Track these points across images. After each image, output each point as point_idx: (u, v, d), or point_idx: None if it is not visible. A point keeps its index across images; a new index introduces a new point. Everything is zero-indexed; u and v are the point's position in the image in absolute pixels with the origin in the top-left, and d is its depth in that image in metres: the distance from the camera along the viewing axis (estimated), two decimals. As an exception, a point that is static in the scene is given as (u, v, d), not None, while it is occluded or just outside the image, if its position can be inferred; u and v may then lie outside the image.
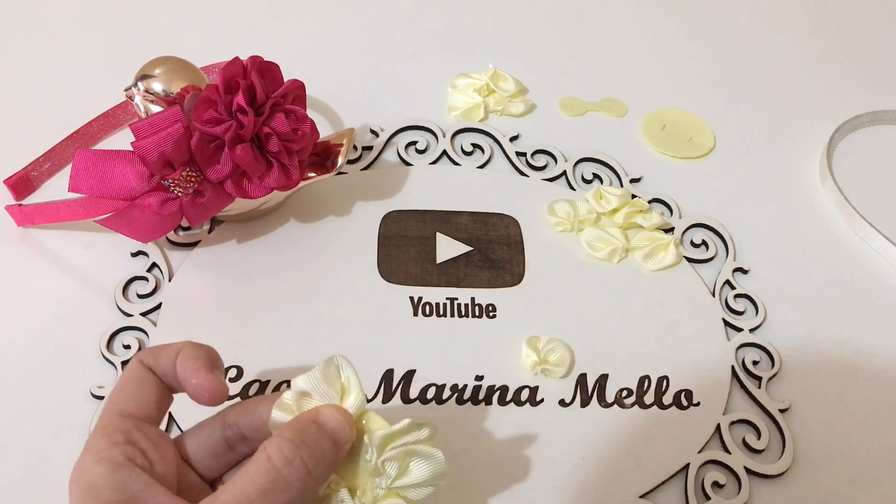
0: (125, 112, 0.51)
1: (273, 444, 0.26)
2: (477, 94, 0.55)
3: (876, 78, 0.61)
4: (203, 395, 0.28)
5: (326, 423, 0.27)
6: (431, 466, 0.28)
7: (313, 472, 0.26)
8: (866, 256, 0.48)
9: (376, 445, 0.28)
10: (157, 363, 0.28)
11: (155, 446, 0.27)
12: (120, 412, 0.27)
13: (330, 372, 0.28)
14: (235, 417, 0.29)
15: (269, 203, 0.45)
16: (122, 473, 0.25)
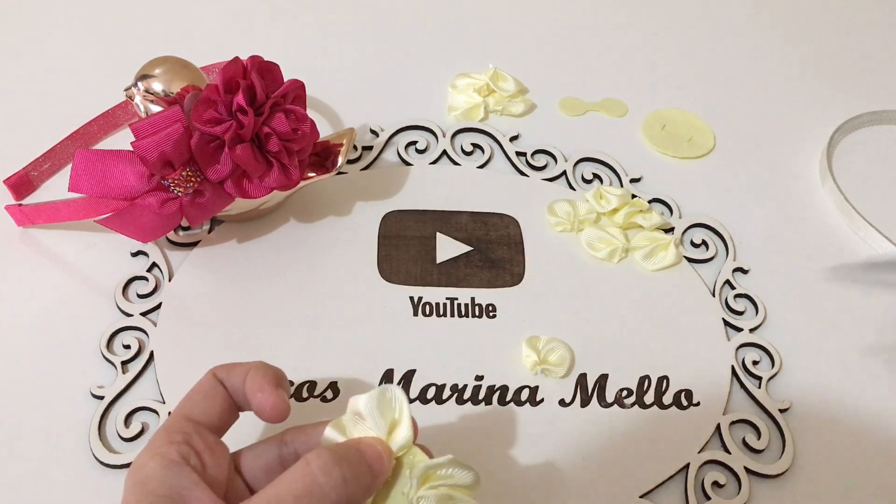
0: (125, 112, 0.51)
1: (313, 453, 0.26)
2: (477, 94, 0.55)
3: (876, 78, 0.61)
4: (265, 411, 0.29)
5: (366, 451, 0.27)
6: None
7: (349, 487, 0.26)
8: (866, 256, 0.48)
9: (417, 477, 0.28)
10: (229, 378, 0.30)
11: (211, 451, 0.28)
12: (185, 416, 0.28)
13: (384, 401, 0.29)
14: (293, 437, 0.30)
15: (269, 203, 0.45)
16: (172, 470, 0.26)
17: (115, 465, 0.36)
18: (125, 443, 0.37)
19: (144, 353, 0.40)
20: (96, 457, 0.36)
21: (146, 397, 0.39)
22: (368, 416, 0.28)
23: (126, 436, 0.37)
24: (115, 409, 0.38)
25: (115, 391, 0.39)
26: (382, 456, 0.28)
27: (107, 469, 0.36)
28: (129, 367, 0.39)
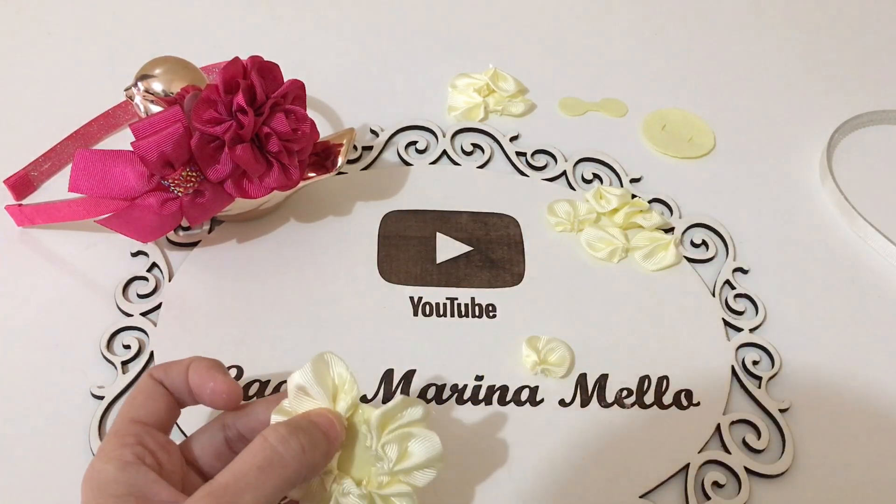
0: (125, 112, 0.51)
1: (269, 429, 0.27)
2: (477, 94, 0.55)
3: (876, 78, 0.61)
4: (220, 398, 0.30)
5: (317, 420, 0.28)
6: (429, 447, 0.30)
7: (307, 454, 0.27)
8: (866, 256, 0.48)
9: (375, 428, 0.29)
10: (168, 376, 0.30)
11: (163, 449, 0.28)
12: (131, 419, 0.29)
13: (320, 369, 0.29)
14: (233, 419, 0.31)
15: (269, 203, 0.45)
16: (130, 471, 0.27)
17: (115, 465, 0.36)
18: (125, 443, 0.37)
19: (144, 353, 0.40)
20: (96, 457, 0.36)
21: (146, 397, 0.39)
22: (310, 387, 0.29)
23: (126, 436, 0.37)
24: (116, 409, 0.38)
25: (115, 391, 0.39)
26: (333, 422, 0.29)
27: (107, 469, 0.36)
28: (129, 368, 0.39)
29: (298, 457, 0.27)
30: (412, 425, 0.29)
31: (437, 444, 0.30)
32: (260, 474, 0.26)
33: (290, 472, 0.26)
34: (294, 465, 0.26)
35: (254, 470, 0.26)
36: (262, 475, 0.26)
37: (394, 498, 0.30)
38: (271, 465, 0.26)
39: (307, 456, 0.27)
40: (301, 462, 0.27)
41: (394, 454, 0.29)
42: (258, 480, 0.26)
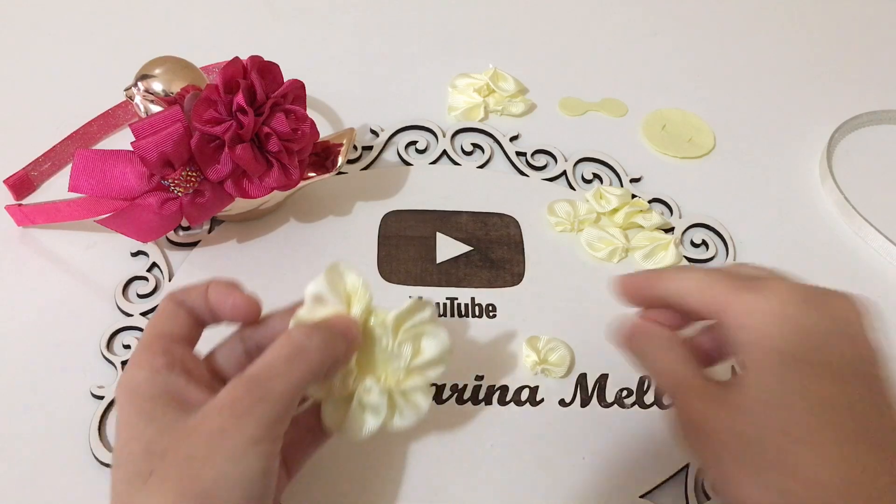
0: (125, 112, 0.51)
1: (292, 328, 0.30)
2: (477, 94, 0.55)
3: (876, 78, 0.61)
4: (241, 311, 0.31)
5: (335, 322, 0.30)
6: (439, 343, 0.32)
7: (329, 347, 0.29)
8: (866, 256, 0.48)
9: (390, 329, 0.31)
10: (188, 298, 0.31)
11: (190, 359, 0.30)
12: (157, 334, 0.30)
13: (333, 278, 0.31)
14: (251, 332, 0.32)
15: (269, 203, 0.45)
16: (161, 375, 0.28)
17: (115, 465, 0.36)
18: (125, 443, 0.37)
19: (144, 353, 0.40)
20: (96, 457, 0.36)
21: (146, 397, 0.39)
22: (324, 295, 0.31)
23: (126, 436, 0.37)
24: (116, 409, 0.38)
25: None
26: (349, 323, 0.31)
27: (107, 469, 0.36)
28: (129, 367, 0.39)
29: (321, 350, 0.28)
30: (423, 325, 0.32)
31: (445, 339, 0.32)
32: (287, 364, 0.28)
33: (314, 363, 0.28)
34: (317, 357, 0.28)
35: (281, 360, 0.28)
36: (289, 364, 0.28)
37: (410, 392, 0.32)
38: (297, 356, 0.28)
39: (328, 349, 0.29)
40: (324, 353, 0.29)
41: (409, 352, 0.32)
42: (286, 369, 0.28)
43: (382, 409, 0.31)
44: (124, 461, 0.27)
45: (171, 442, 0.26)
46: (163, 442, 0.26)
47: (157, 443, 0.26)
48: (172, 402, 0.28)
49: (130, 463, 0.27)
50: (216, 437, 0.26)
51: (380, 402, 0.31)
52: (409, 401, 0.32)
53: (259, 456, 0.26)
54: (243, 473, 0.26)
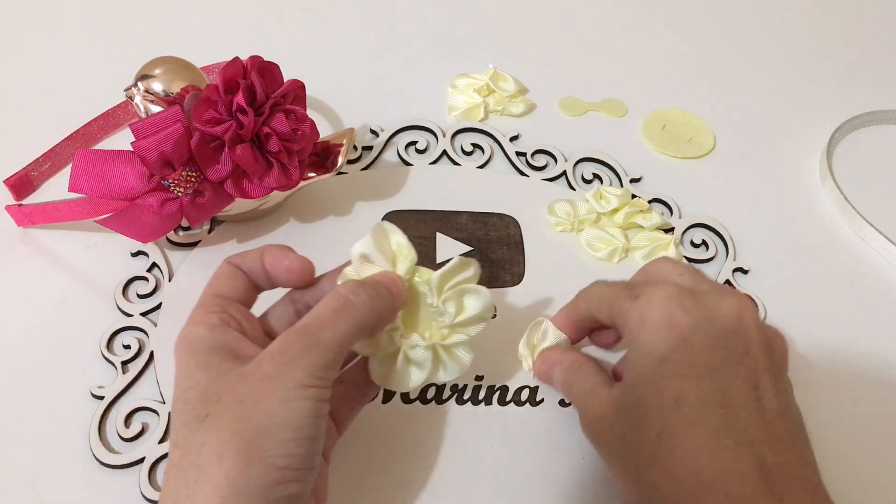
0: (125, 112, 0.51)
1: (340, 285, 0.31)
2: (477, 94, 0.55)
3: (876, 78, 0.61)
4: (295, 273, 0.32)
5: (381, 279, 0.32)
6: (482, 300, 0.33)
7: (374, 302, 0.30)
8: (866, 256, 0.49)
9: (435, 287, 0.32)
10: (245, 261, 0.33)
11: (245, 318, 0.32)
12: (214, 294, 0.32)
13: (379, 237, 0.33)
14: (301, 294, 0.34)
15: (269, 203, 0.45)
16: (218, 331, 0.30)
17: (115, 465, 0.36)
18: (125, 443, 0.37)
19: (144, 353, 0.40)
20: (96, 457, 0.36)
21: (146, 397, 0.39)
22: (371, 254, 0.32)
23: (126, 436, 0.37)
24: (115, 409, 0.38)
25: (115, 391, 0.39)
26: (395, 279, 0.32)
27: (107, 469, 0.36)
28: (129, 367, 0.39)
29: (367, 304, 0.30)
30: (466, 282, 0.33)
31: (487, 296, 0.33)
32: (335, 315, 0.29)
33: (361, 317, 0.30)
34: (364, 310, 0.30)
35: (329, 312, 0.29)
36: (337, 316, 0.29)
37: (453, 347, 0.34)
38: (345, 308, 0.29)
39: (374, 304, 0.30)
40: (370, 308, 0.30)
41: (453, 309, 0.33)
42: (334, 320, 0.29)
43: (427, 364, 0.33)
44: (182, 407, 0.28)
45: (225, 387, 0.28)
46: (218, 387, 0.28)
47: (213, 388, 0.28)
48: (228, 354, 0.29)
49: (188, 407, 0.28)
50: (267, 382, 0.27)
51: (425, 356, 0.33)
52: (452, 356, 0.34)
53: (308, 399, 0.27)
54: (293, 414, 0.27)
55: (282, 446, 0.27)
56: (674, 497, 0.28)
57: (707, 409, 0.28)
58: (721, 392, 0.28)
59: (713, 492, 0.27)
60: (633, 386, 0.30)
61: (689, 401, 0.28)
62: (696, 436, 0.28)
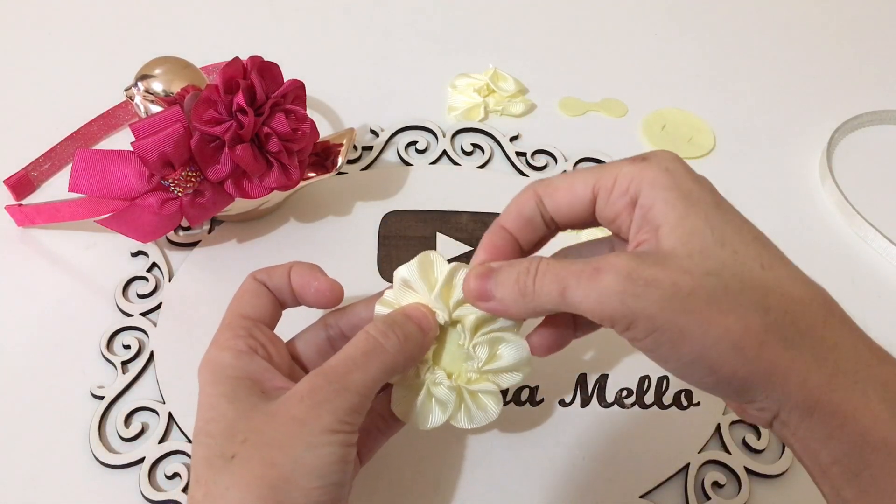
0: (125, 112, 0.51)
1: (369, 325, 0.30)
2: (477, 94, 0.55)
3: (876, 78, 0.61)
4: (324, 296, 0.32)
5: (412, 313, 0.30)
6: (517, 352, 0.31)
7: (404, 345, 0.29)
8: (866, 256, 0.48)
9: (468, 329, 0.31)
10: (271, 278, 0.32)
11: (271, 343, 0.31)
12: (240, 314, 0.31)
13: (425, 265, 0.31)
14: (335, 318, 0.33)
15: (269, 203, 0.45)
16: (244, 358, 0.29)
17: (115, 465, 0.36)
18: (125, 443, 0.37)
19: (144, 353, 0.40)
20: (96, 457, 0.36)
21: (146, 397, 0.39)
22: (413, 282, 0.31)
23: (126, 436, 0.37)
24: (115, 409, 0.38)
25: (115, 391, 0.39)
26: (427, 315, 0.31)
27: (107, 469, 0.36)
28: (129, 367, 0.39)
29: (397, 347, 0.29)
30: (505, 330, 0.31)
31: (525, 349, 0.31)
32: (365, 358, 0.28)
33: (390, 360, 0.29)
34: (393, 353, 0.29)
35: (359, 355, 0.28)
36: (368, 359, 0.28)
37: (481, 394, 0.32)
38: (374, 352, 0.28)
39: (404, 347, 0.29)
40: (399, 352, 0.29)
41: (484, 355, 0.31)
42: (364, 363, 0.28)
43: (450, 405, 0.32)
44: (205, 440, 0.28)
45: (252, 426, 0.27)
46: (244, 426, 0.27)
47: (238, 426, 0.27)
48: (254, 387, 0.28)
49: (212, 442, 0.27)
50: (295, 426, 0.27)
51: (448, 396, 0.31)
52: (477, 402, 0.32)
53: (335, 445, 0.27)
54: (320, 461, 0.26)
55: (308, 494, 0.26)
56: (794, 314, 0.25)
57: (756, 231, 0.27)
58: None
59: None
60: (698, 229, 0.25)
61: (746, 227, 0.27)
62: (777, 256, 0.27)
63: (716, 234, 0.26)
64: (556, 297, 0.26)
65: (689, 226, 0.26)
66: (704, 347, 0.24)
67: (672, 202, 0.26)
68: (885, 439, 0.24)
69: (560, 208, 0.29)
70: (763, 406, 0.25)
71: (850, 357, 0.25)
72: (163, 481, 0.36)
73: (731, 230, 0.26)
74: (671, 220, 0.26)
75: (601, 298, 0.25)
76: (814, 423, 0.25)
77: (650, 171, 0.27)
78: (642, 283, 0.24)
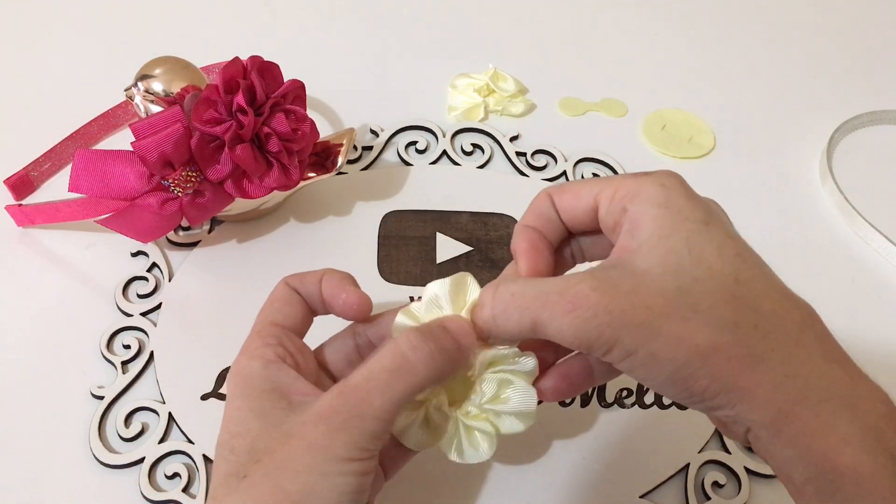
0: (125, 112, 0.51)
1: (402, 336, 0.27)
2: (477, 94, 0.55)
3: (876, 78, 0.61)
4: (351, 309, 0.31)
5: (451, 326, 0.28)
6: (523, 399, 0.30)
7: (436, 361, 0.27)
8: (866, 256, 0.48)
9: (480, 362, 0.29)
10: (303, 285, 0.31)
11: (300, 352, 0.30)
12: (271, 322, 0.30)
13: (459, 286, 0.30)
14: (364, 327, 0.32)
15: (269, 203, 0.45)
16: (273, 368, 0.28)
17: (115, 465, 0.36)
18: (125, 443, 0.37)
19: (144, 353, 0.40)
20: (96, 457, 0.36)
21: (146, 397, 0.39)
22: (444, 299, 0.30)
23: (126, 436, 0.37)
24: (115, 409, 0.38)
25: (115, 391, 0.39)
26: (467, 329, 0.28)
27: (107, 469, 0.36)
28: (129, 367, 0.39)
29: (427, 363, 0.27)
30: (518, 375, 0.30)
31: (533, 400, 0.30)
32: (390, 377, 0.26)
33: (419, 378, 0.27)
34: (423, 372, 0.27)
35: (384, 373, 0.26)
36: (392, 378, 0.26)
37: (476, 432, 0.30)
38: (401, 370, 0.26)
39: (436, 363, 0.27)
40: (429, 368, 0.27)
41: (489, 392, 0.29)
42: (388, 383, 0.26)
43: (441, 433, 0.30)
44: (228, 455, 0.27)
45: (268, 446, 0.26)
46: (263, 444, 0.26)
47: (258, 445, 0.26)
48: (281, 399, 0.27)
49: (233, 459, 0.27)
50: (309, 452, 0.25)
51: (441, 423, 0.30)
52: (471, 439, 0.31)
53: (350, 474, 0.25)
54: (333, 491, 0.25)
55: None
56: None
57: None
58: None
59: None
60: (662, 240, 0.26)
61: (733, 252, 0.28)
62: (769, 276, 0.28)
63: (694, 252, 0.26)
64: (526, 328, 0.26)
65: (670, 244, 0.26)
66: (675, 367, 0.25)
67: (658, 218, 0.27)
68: (854, 466, 0.24)
69: (566, 211, 0.30)
70: (735, 421, 0.25)
71: (822, 375, 0.25)
72: (163, 481, 0.36)
73: (712, 247, 0.27)
74: (653, 237, 0.26)
75: (577, 333, 0.25)
76: (782, 443, 0.25)
77: (647, 185, 0.27)
78: (617, 312, 0.25)
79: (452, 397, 0.31)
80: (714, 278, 0.25)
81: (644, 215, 0.27)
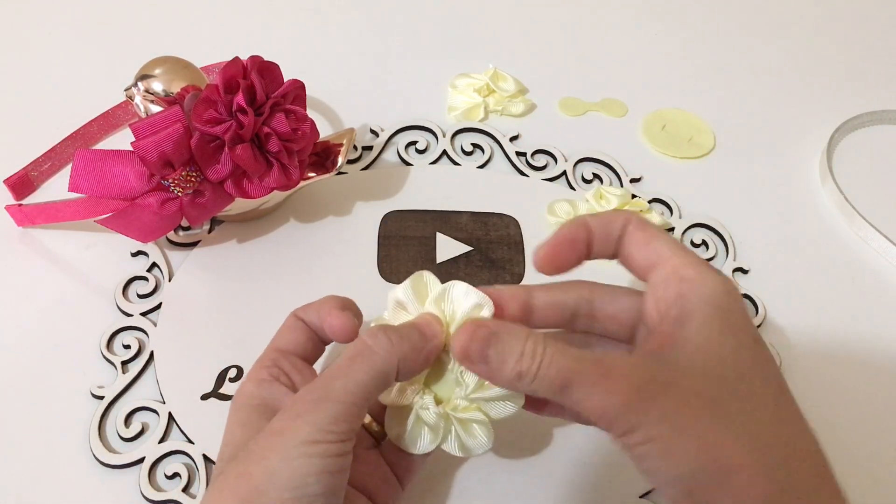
0: (125, 112, 0.51)
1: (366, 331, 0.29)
2: (477, 94, 0.55)
3: (876, 78, 0.61)
4: (335, 332, 0.32)
5: (416, 320, 0.30)
6: None
7: (396, 346, 0.28)
8: (866, 256, 0.48)
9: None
10: (307, 314, 0.33)
11: (298, 371, 0.32)
12: (273, 348, 0.32)
13: (419, 287, 0.31)
14: None
15: (269, 203, 0.45)
16: (264, 386, 0.31)
17: (115, 465, 0.36)
18: (125, 443, 0.37)
19: (144, 353, 0.40)
20: (96, 457, 0.36)
21: (146, 397, 0.39)
22: (408, 303, 0.31)
23: (126, 436, 0.37)
24: (115, 409, 0.38)
25: (115, 391, 0.39)
26: (430, 321, 0.30)
27: (107, 469, 0.36)
28: (129, 367, 0.39)
29: (386, 348, 0.28)
30: None
31: None
32: (349, 363, 0.28)
33: (379, 363, 0.28)
34: (382, 356, 0.28)
35: (345, 360, 0.28)
36: (352, 364, 0.28)
37: (469, 422, 0.31)
38: (360, 355, 0.28)
39: (396, 348, 0.28)
40: (390, 353, 0.28)
41: (472, 381, 0.30)
42: (348, 369, 0.28)
43: (439, 431, 0.31)
44: (217, 464, 0.30)
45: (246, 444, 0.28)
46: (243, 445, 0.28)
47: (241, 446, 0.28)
48: (268, 411, 0.29)
49: (218, 465, 0.29)
50: (274, 438, 0.27)
51: (436, 422, 0.31)
52: (468, 431, 0.31)
53: (314, 456, 0.26)
54: (294, 473, 0.26)
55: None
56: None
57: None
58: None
59: None
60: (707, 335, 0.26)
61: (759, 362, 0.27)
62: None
63: (738, 368, 0.26)
64: (556, 389, 0.26)
65: (716, 350, 0.26)
66: (692, 469, 0.24)
67: (712, 321, 0.26)
68: None
69: (626, 248, 0.31)
70: None
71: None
72: (163, 481, 0.36)
73: (758, 368, 0.26)
74: (701, 336, 0.26)
75: (604, 405, 0.25)
76: None
77: (710, 282, 0.27)
78: (648, 397, 0.24)
79: (440, 394, 0.31)
80: (754, 399, 0.26)
81: (699, 312, 0.27)
